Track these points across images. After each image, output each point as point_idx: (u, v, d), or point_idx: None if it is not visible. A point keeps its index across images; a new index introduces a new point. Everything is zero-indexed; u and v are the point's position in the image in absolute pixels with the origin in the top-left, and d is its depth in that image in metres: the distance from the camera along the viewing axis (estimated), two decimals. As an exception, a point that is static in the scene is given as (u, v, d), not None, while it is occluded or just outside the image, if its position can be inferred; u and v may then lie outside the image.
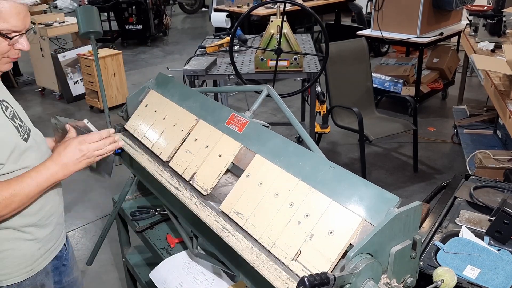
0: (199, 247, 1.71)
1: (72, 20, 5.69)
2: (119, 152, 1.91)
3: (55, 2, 6.83)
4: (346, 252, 1.02)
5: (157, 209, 2.07)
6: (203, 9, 11.47)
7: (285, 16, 3.01)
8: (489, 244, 1.61)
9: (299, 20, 7.46)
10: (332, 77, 3.82)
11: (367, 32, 5.00)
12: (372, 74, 4.32)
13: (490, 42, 3.68)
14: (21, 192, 1.28)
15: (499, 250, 1.58)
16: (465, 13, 4.56)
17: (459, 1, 4.70)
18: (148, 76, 6.71)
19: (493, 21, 3.80)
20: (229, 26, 4.40)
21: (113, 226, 2.15)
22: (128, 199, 2.17)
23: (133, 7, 8.16)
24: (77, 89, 5.80)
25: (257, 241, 1.26)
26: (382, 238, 1.04)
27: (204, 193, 1.50)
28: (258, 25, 5.79)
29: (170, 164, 1.66)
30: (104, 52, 5.35)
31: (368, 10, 7.33)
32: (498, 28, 3.80)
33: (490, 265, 1.50)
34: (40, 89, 6.09)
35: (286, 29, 3.04)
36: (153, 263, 1.81)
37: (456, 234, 1.66)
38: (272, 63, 3.09)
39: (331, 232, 1.13)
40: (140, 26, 8.28)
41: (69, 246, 1.68)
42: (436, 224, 1.73)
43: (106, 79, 5.29)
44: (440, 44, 5.49)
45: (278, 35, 3.01)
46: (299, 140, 4.13)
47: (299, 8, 3.07)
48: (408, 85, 5.09)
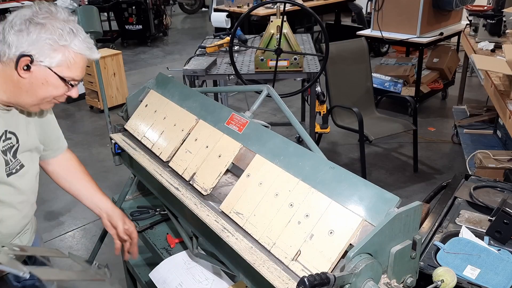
0: (199, 247, 1.71)
1: (72, 20, 5.69)
2: (119, 152, 1.91)
3: (55, 2, 6.82)
4: (346, 252, 1.02)
5: (157, 209, 2.07)
6: (203, 9, 11.47)
7: (285, 16, 3.00)
8: (489, 244, 1.61)
9: (299, 20, 7.46)
10: (332, 77, 3.82)
11: (367, 32, 5.00)
12: (372, 74, 4.32)
13: (490, 42, 3.68)
14: None
15: (499, 250, 1.58)
16: (465, 13, 4.56)
17: (459, 1, 4.70)
18: (148, 76, 6.71)
19: (493, 21, 3.80)
20: (229, 26, 4.40)
21: (113, 226, 2.15)
22: (128, 199, 2.17)
23: (133, 7, 8.16)
24: (77, 89, 5.79)
25: (257, 241, 1.26)
26: (382, 238, 1.04)
27: (204, 193, 1.50)
28: (258, 25, 5.79)
29: (170, 164, 1.66)
30: (104, 52, 5.35)
31: (368, 10, 7.33)
32: (498, 28, 3.80)
33: (490, 265, 1.50)
34: (40, 89, 6.09)
35: (286, 29, 3.04)
36: (153, 263, 1.81)
37: (456, 234, 1.66)
38: (272, 63, 3.09)
39: (331, 232, 1.13)
40: (140, 26, 8.28)
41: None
42: (436, 224, 1.73)
43: (106, 79, 5.29)
44: (440, 44, 5.49)
45: (278, 35, 3.01)
46: (299, 140, 4.13)
47: (299, 8, 3.07)
48: (408, 85, 5.09)
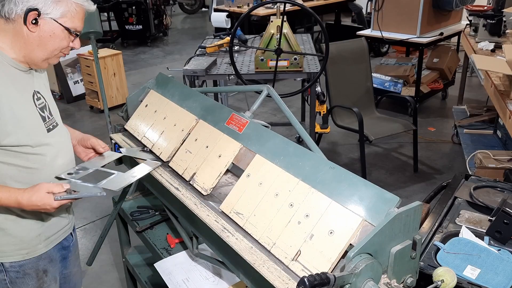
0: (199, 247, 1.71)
1: (72, 20, 5.68)
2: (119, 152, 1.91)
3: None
4: (346, 252, 1.02)
5: (157, 209, 2.07)
6: (203, 9, 11.46)
7: (285, 16, 3.00)
8: (489, 244, 1.61)
9: (299, 20, 7.45)
10: (332, 77, 3.82)
11: (367, 32, 5.00)
12: (372, 74, 4.32)
13: (490, 42, 3.68)
14: None
15: (499, 250, 1.58)
16: (465, 13, 4.56)
17: (459, 1, 4.70)
18: (148, 76, 6.71)
19: (493, 21, 3.80)
20: (229, 26, 4.40)
21: (113, 226, 2.15)
22: (128, 199, 2.17)
23: (133, 7, 8.16)
24: (77, 89, 5.79)
25: (257, 241, 1.26)
26: (382, 238, 1.04)
27: (204, 193, 1.50)
28: (258, 25, 5.79)
29: (170, 164, 1.66)
30: (104, 52, 5.35)
31: (368, 10, 7.33)
32: (498, 28, 3.80)
33: (490, 265, 1.50)
34: (40, 89, 6.09)
35: (286, 29, 3.04)
36: (153, 263, 1.81)
37: (456, 234, 1.66)
38: (272, 63, 3.09)
39: (331, 232, 1.13)
40: (140, 26, 8.28)
41: (75, 241, 1.76)
42: (436, 224, 1.73)
43: (106, 79, 5.29)
44: (440, 44, 5.49)
45: (278, 35, 3.01)
46: (299, 140, 4.13)
47: (299, 8, 3.07)
48: (408, 85, 5.09)
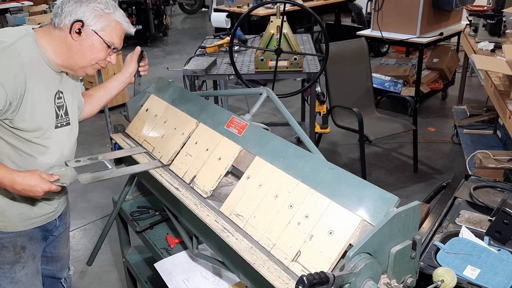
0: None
1: (72, 20, 5.66)
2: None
3: (55, 2, 6.81)
4: (346, 252, 1.02)
5: (157, 209, 2.07)
6: (203, 9, 11.46)
7: (285, 16, 3.00)
8: (489, 244, 1.61)
9: (299, 20, 7.46)
10: (332, 77, 3.82)
11: (367, 32, 5.00)
12: (372, 74, 4.32)
13: (490, 42, 3.68)
14: None
15: (499, 250, 1.58)
16: (465, 13, 4.56)
17: (459, 1, 4.70)
18: (148, 76, 6.66)
19: (493, 21, 3.80)
20: (229, 26, 4.40)
21: (113, 226, 2.15)
22: (128, 199, 2.17)
23: (133, 7, 8.16)
24: (77, 89, 5.78)
25: (257, 242, 1.26)
26: (382, 238, 1.04)
27: (204, 196, 1.50)
28: (258, 25, 5.79)
29: (171, 168, 1.67)
30: (104, 52, 5.34)
31: (368, 10, 7.33)
32: (498, 28, 3.80)
33: (490, 265, 1.50)
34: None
35: (286, 29, 3.04)
36: (153, 263, 1.81)
37: (456, 234, 1.66)
38: (272, 63, 3.09)
39: (331, 233, 1.13)
40: (140, 26, 8.27)
41: (63, 223, 1.86)
42: (436, 224, 1.73)
43: (106, 79, 5.28)
44: (440, 44, 5.49)
45: (278, 35, 3.01)
46: (299, 141, 4.13)
47: (299, 8, 3.06)
48: (408, 85, 5.09)
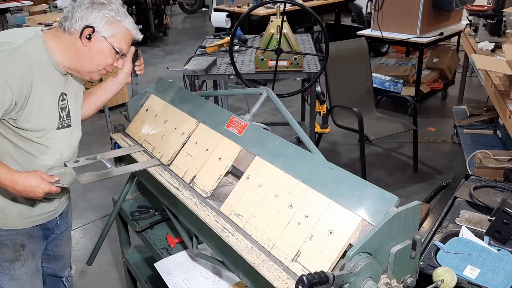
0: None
1: (72, 20, 5.65)
2: None
3: (55, 2, 6.80)
4: (346, 252, 1.02)
5: (157, 209, 2.07)
6: (203, 9, 11.46)
7: (285, 16, 3.00)
8: (489, 244, 1.61)
9: (299, 20, 7.46)
10: (332, 77, 3.82)
11: (367, 32, 4.99)
12: (372, 74, 4.32)
13: (490, 42, 3.68)
14: None
15: (499, 250, 1.58)
16: (465, 13, 4.56)
17: (459, 1, 4.70)
18: (148, 76, 6.70)
19: (493, 21, 3.80)
20: (229, 26, 4.40)
21: (113, 226, 2.15)
22: (128, 199, 2.17)
23: (133, 7, 8.16)
24: (77, 89, 5.78)
25: (257, 242, 1.26)
26: (382, 238, 1.04)
27: (204, 196, 1.50)
28: (258, 25, 5.79)
29: (171, 167, 1.67)
30: (104, 52, 5.33)
31: (368, 10, 7.32)
32: (498, 28, 3.80)
33: (490, 265, 1.50)
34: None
35: (286, 29, 3.04)
36: (153, 263, 1.81)
37: (456, 234, 1.66)
38: (272, 63, 3.09)
39: (331, 233, 1.13)
40: (140, 26, 8.27)
41: (65, 222, 1.85)
42: (436, 224, 1.73)
43: (106, 79, 5.27)
44: (440, 44, 5.49)
45: (278, 35, 3.01)
46: (299, 141, 4.13)
47: (299, 8, 3.07)
48: (408, 85, 5.09)
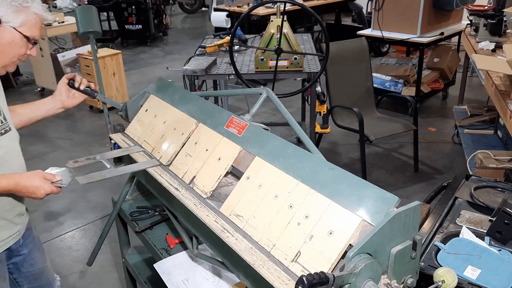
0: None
1: (72, 20, 5.64)
2: None
3: (55, 2, 6.80)
4: (346, 253, 1.02)
5: (157, 209, 2.07)
6: (203, 9, 11.46)
7: (285, 16, 3.00)
8: (490, 245, 1.61)
9: (299, 20, 7.45)
10: (332, 77, 3.82)
11: (368, 32, 4.99)
12: (373, 74, 4.32)
13: (491, 42, 3.68)
14: None
15: (500, 251, 1.57)
16: (466, 13, 4.56)
17: (460, 1, 4.69)
18: (148, 76, 6.71)
19: (494, 21, 3.80)
20: (229, 26, 4.40)
21: (113, 227, 2.15)
22: (128, 199, 2.17)
23: (133, 7, 8.16)
24: (77, 89, 5.78)
25: (257, 243, 1.26)
26: (382, 238, 1.03)
27: (204, 196, 1.50)
28: (258, 25, 5.78)
29: (170, 168, 1.66)
30: (104, 52, 5.34)
31: (368, 10, 7.32)
32: (499, 28, 3.80)
33: (491, 266, 1.49)
34: (40, 89, 6.08)
35: (286, 29, 3.04)
36: (153, 264, 1.81)
37: (457, 235, 1.66)
38: (272, 63, 3.08)
39: (331, 233, 1.13)
40: (140, 26, 8.28)
41: (31, 239, 1.78)
42: (437, 225, 1.73)
43: (106, 79, 5.28)
44: (441, 44, 5.48)
45: (278, 35, 3.00)
46: (299, 141, 4.12)
47: (299, 8, 3.06)
48: (409, 85, 5.08)
